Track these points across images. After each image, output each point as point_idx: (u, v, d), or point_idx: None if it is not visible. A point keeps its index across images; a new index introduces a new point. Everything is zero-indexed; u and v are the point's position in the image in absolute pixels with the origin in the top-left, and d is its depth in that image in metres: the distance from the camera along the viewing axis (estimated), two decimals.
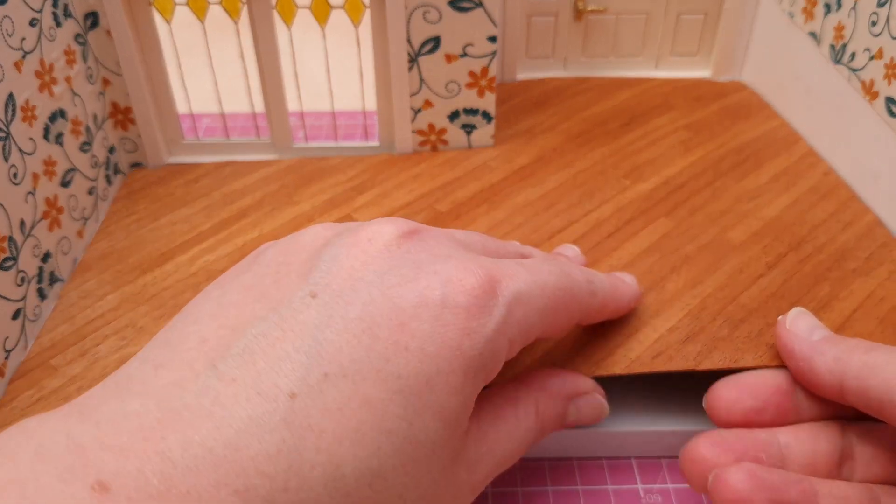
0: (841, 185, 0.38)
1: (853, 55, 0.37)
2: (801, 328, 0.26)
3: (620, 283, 0.29)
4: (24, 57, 0.33)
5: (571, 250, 0.32)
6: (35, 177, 0.34)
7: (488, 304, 0.21)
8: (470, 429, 0.22)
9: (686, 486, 0.28)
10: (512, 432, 0.24)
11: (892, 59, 0.34)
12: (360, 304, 0.20)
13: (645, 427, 0.29)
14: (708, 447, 0.24)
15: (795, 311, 0.27)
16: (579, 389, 0.27)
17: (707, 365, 0.28)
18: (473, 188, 0.40)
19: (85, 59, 0.39)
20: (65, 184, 0.36)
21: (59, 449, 0.17)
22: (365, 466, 0.19)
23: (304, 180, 0.42)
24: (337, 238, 0.22)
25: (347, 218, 0.38)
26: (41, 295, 0.34)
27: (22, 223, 0.32)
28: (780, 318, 0.27)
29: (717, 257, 0.34)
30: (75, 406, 0.18)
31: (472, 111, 0.42)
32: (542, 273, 0.23)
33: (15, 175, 0.32)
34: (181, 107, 0.44)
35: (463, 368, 0.20)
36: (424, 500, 0.20)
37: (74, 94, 0.38)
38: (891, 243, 0.35)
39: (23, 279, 0.32)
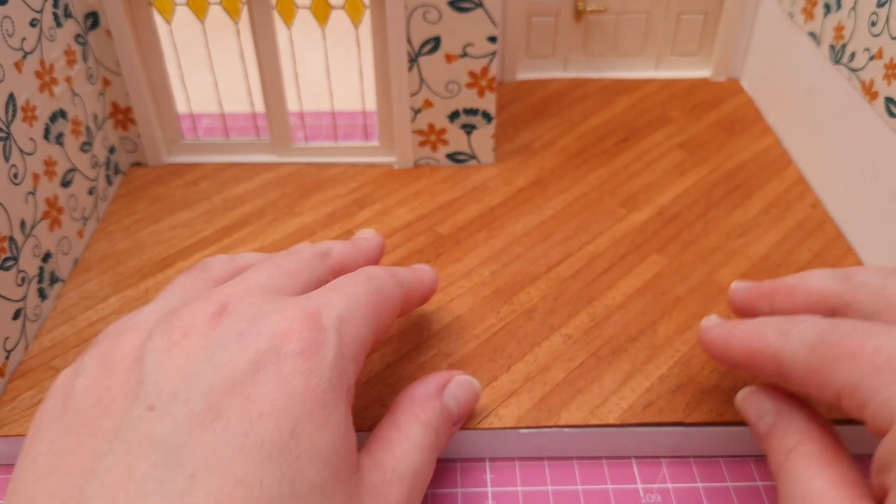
0: (827, 221, 0.39)
1: (853, 55, 0.37)
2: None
3: (420, 273, 0.30)
4: (24, 57, 0.33)
5: (369, 232, 0.32)
6: (35, 177, 0.34)
7: (318, 338, 0.22)
8: (363, 464, 0.22)
9: (686, 485, 0.29)
10: (407, 450, 0.24)
11: (891, 59, 0.34)
12: (201, 396, 0.20)
13: (645, 427, 0.29)
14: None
15: (711, 323, 0.28)
16: (443, 381, 0.28)
17: (695, 418, 0.29)
18: (473, 211, 0.41)
19: (85, 59, 0.39)
20: (65, 184, 0.36)
21: None
22: None
23: (305, 190, 0.42)
24: (150, 345, 0.21)
25: (349, 234, 0.39)
26: (41, 295, 0.34)
27: (22, 223, 0.32)
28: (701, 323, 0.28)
29: (706, 300, 0.35)
30: None
31: (472, 111, 0.42)
32: (353, 289, 0.24)
33: (15, 175, 0.32)
34: (181, 107, 0.44)
35: (320, 404, 0.21)
36: None
37: (75, 94, 0.38)
38: None
39: (23, 279, 0.32)
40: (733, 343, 0.26)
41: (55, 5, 0.36)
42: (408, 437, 0.25)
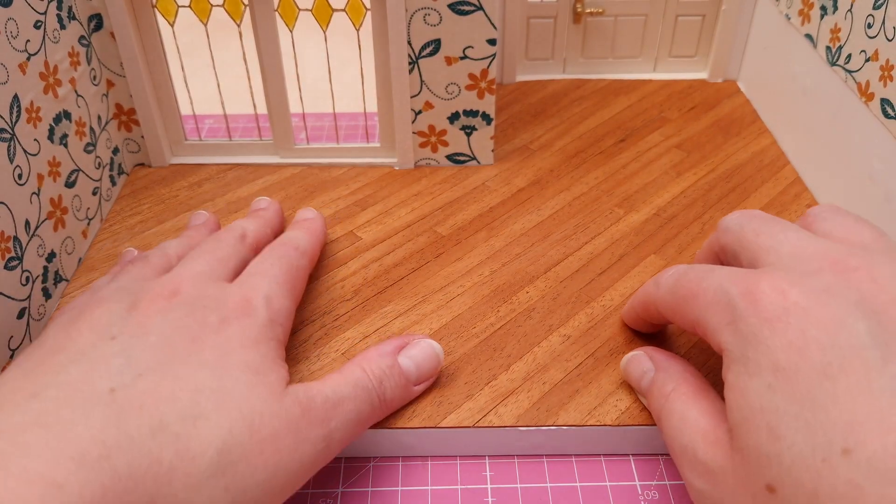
0: None
1: (849, 57, 0.37)
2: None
3: (310, 223, 0.36)
4: (28, 59, 0.33)
5: (265, 201, 0.38)
6: (40, 177, 0.34)
7: (250, 311, 0.28)
8: (292, 384, 0.26)
9: (684, 482, 0.29)
10: (338, 382, 0.27)
11: (887, 60, 0.34)
12: (155, 334, 0.25)
13: (643, 425, 0.29)
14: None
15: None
16: (400, 344, 0.30)
17: None
18: (473, 211, 0.41)
19: (89, 60, 0.39)
20: (69, 184, 0.37)
21: None
22: (186, 413, 0.23)
23: (307, 192, 0.42)
24: (112, 308, 0.27)
25: (352, 236, 0.39)
26: (46, 294, 0.34)
27: (27, 223, 0.33)
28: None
29: None
30: None
31: (471, 113, 0.42)
32: (271, 271, 0.30)
33: (20, 176, 0.32)
34: (184, 108, 0.44)
35: (252, 340, 0.27)
36: (251, 426, 0.24)
37: (78, 95, 0.38)
38: None
39: (27, 279, 0.33)
40: (633, 302, 0.31)
41: (59, 7, 0.36)
42: (343, 375, 0.28)
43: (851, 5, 0.37)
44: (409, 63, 0.40)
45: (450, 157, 0.44)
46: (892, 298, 0.21)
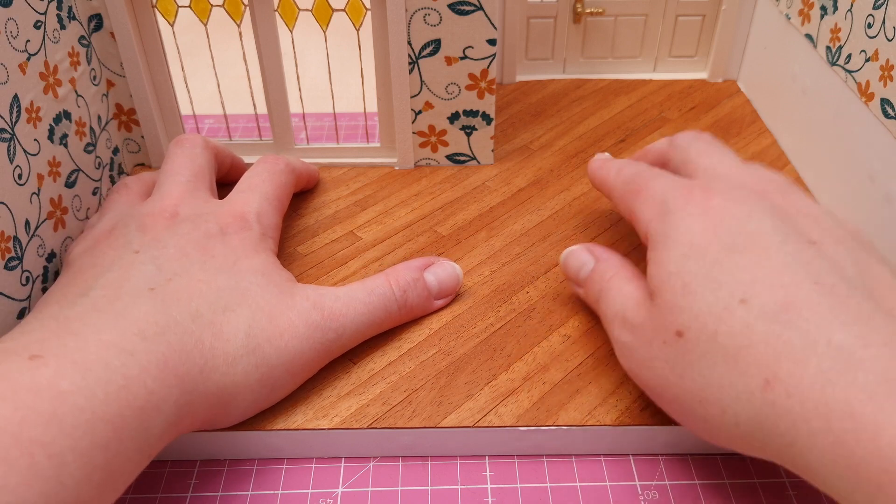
0: None
1: (849, 57, 0.37)
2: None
3: (304, 163, 0.41)
4: (28, 59, 0.33)
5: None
6: (40, 177, 0.34)
7: (245, 226, 0.32)
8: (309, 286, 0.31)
9: (683, 482, 0.29)
10: (356, 286, 0.31)
11: (887, 60, 0.34)
12: (171, 246, 0.30)
13: (643, 424, 0.29)
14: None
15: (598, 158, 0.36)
16: (425, 263, 0.34)
17: None
18: (473, 211, 0.41)
19: (89, 60, 0.39)
20: (69, 184, 0.37)
21: None
22: (216, 306, 0.28)
23: (308, 191, 0.42)
24: (126, 229, 0.31)
25: (352, 236, 0.39)
26: None
27: (27, 223, 0.33)
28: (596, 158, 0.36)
29: None
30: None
31: (471, 113, 0.42)
32: (262, 187, 0.35)
33: (20, 176, 0.32)
34: (184, 108, 0.44)
35: (252, 250, 0.31)
36: (270, 315, 0.29)
37: (78, 95, 0.38)
38: None
39: (27, 279, 0.33)
40: (597, 174, 0.35)
41: (59, 7, 0.36)
42: (363, 282, 0.32)
43: (851, 5, 0.37)
44: (409, 63, 0.40)
45: (450, 157, 0.44)
46: (798, 211, 0.27)
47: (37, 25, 0.34)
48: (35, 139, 0.34)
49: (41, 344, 0.24)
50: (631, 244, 0.38)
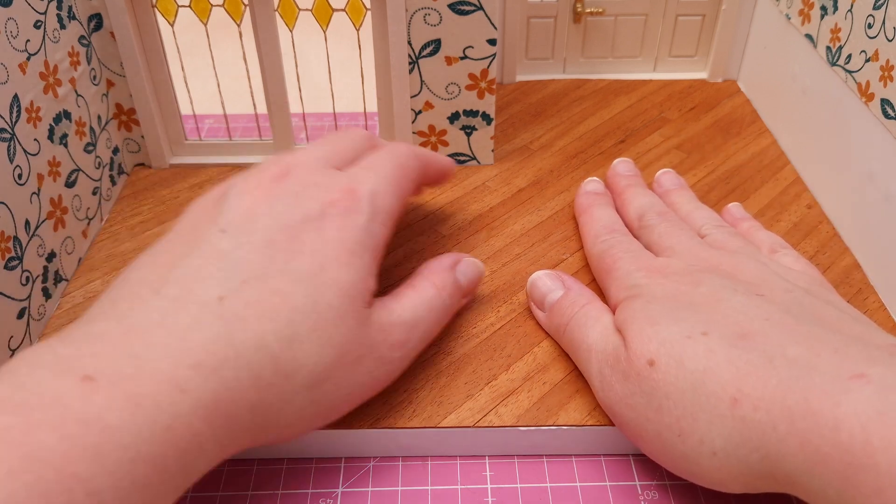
0: (823, 221, 0.40)
1: (849, 57, 0.37)
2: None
3: (437, 155, 0.37)
4: (28, 59, 0.33)
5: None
6: (40, 177, 0.34)
7: (354, 206, 0.28)
8: (377, 305, 0.28)
9: (683, 482, 0.29)
10: (415, 303, 0.30)
11: (887, 61, 0.34)
12: (260, 230, 0.27)
13: None
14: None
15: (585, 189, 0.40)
16: (456, 259, 0.33)
17: None
18: (473, 211, 0.41)
19: (89, 60, 0.39)
20: (69, 184, 0.37)
21: (48, 360, 0.22)
22: (284, 335, 0.25)
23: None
24: (230, 190, 0.28)
25: None
26: (46, 294, 0.34)
27: (27, 223, 0.33)
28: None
29: None
30: (55, 337, 0.23)
31: (472, 113, 0.42)
32: (382, 168, 0.31)
33: (20, 176, 0.32)
34: (184, 108, 0.44)
35: (348, 252, 0.27)
36: (340, 351, 0.26)
37: (78, 95, 0.38)
38: (866, 289, 0.36)
39: (27, 278, 0.33)
40: (580, 223, 0.38)
41: (59, 7, 0.36)
42: (418, 293, 0.30)
43: (851, 5, 0.37)
44: (409, 63, 0.40)
45: (450, 157, 0.44)
46: (744, 273, 0.30)
47: (37, 25, 0.34)
48: (35, 139, 0.34)
49: (97, 360, 0.22)
50: None
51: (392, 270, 0.37)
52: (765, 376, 0.24)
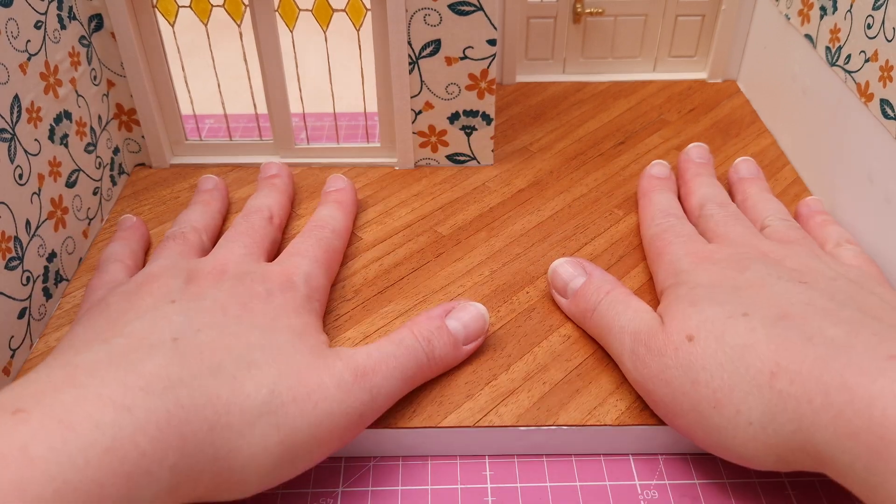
0: None
1: (849, 57, 0.37)
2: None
3: (341, 196, 0.39)
4: (29, 59, 0.33)
5: (274, 167, 0.41)
6: (40, 177, 0.34)
7: (292, 287, 0.31)
8: (343, 347, 0.29)
9: (683, 481, 0.29)
10: (385, 341, 0.30)
11: (887, 61, 0.34)
12: (211, 299, 0.29)
13: (643, 424, 0.29)
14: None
15: (652, 171, 0.40)
16: (447, 308, 0.32)
17: None
18: (473, 211, 0.41)
19: (89, 61, 0.39)
20: (70, 184, 0.37)
21: None
22: (242, 363, 0.26)
23: (308, 192, 0.43)
24: (171, 282, 0.30)
25: (353, 236, 0.39)
26: (46, 294, 0.34)
27: (27, 223, 0.33)
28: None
29: None
30: (4, 387, 0.23)
31: (471, 113, 0.42)
32: (310, 252, 0.34)
33: (20, 176, 0.32)
34: (184, 108, 0.44)
35: (295, 312, 0.30)
36: (299, 376, 0.26)
37: (79, 95, 0.38)
38: None
39: (28, 278, 0.33)
40: (640, 205, 0.39)
41: (59, 7, 0.36)
42: (389, 336, 0.30)
43: (851, 6, 0.37)
44: (409, 63, 0.40)
45: (450, 158, 0.44)
46: (793, 262, 0.31)
47: (37, 25, 0.34)
48: (35, 139, 0.34)
49: (35, 397, 0.22)
50: (630, 245, 0.38)
51: (392, 271, 0.37)
52: (803, 352, 0.25)
